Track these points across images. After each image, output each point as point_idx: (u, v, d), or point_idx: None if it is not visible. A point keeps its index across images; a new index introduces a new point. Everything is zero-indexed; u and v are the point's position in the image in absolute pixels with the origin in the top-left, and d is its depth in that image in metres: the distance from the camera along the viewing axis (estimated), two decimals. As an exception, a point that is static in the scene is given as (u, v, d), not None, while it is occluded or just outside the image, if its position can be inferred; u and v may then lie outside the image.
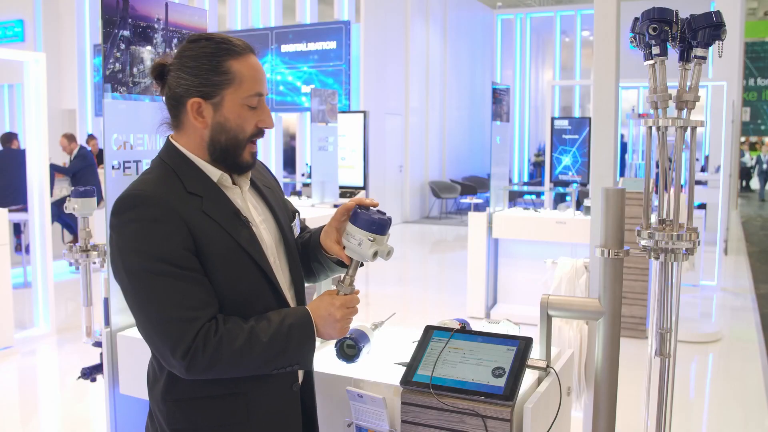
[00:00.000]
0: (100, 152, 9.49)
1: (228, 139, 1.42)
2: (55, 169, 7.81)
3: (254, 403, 1.42)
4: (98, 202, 3.69)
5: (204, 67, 1.39)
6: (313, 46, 11.31)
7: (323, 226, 1.57)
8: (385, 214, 1.47)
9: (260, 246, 1.45)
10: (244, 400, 1.41)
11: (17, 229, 7.32)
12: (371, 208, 1.48)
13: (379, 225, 1.43)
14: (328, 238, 1.53)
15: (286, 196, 1.70)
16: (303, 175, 10.18)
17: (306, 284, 1.62)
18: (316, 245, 1.58)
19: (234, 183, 1.49)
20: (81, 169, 8.05)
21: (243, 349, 1.33)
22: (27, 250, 6.35)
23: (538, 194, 12.65)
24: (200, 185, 1.42)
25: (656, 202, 1.83)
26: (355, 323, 1.83)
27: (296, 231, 1.62)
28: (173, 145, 1.46)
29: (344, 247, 1.48)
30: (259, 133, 1.46)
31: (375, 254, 1.44)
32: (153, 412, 1.49)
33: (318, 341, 1.43)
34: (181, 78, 1.40)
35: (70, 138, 8.33)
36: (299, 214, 1.66)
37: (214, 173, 1.45)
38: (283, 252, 1.54)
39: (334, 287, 1.47)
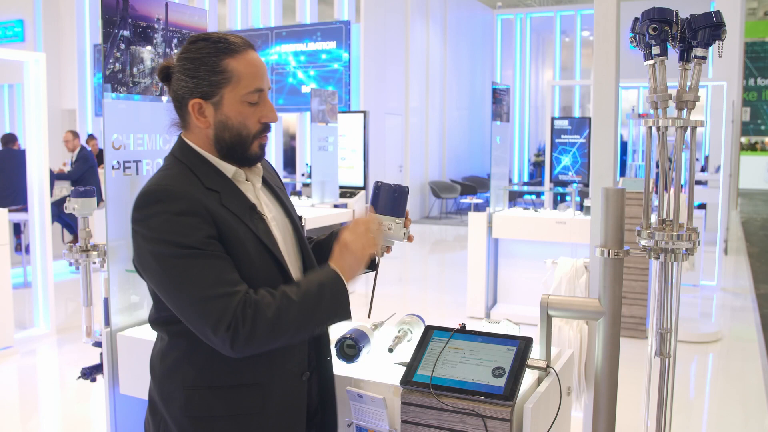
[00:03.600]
0: (100, 152, 9.48)
1: (232, 137, 1.45)
2: (56, 178, 7.80)
3: (270, 393, 1.45)
4: (98, 203, 3.69)
5: (202, 68, 1.41)
6: (313, 46, 11.31)
7: (338, 230, 1.56)
8: (396, 191, 1.55)
9: (275, 240, 1.48)
10: (261, 389, 1.44)
11: (17, 229, 7.32)
12: (386, 183, 1.55)
13: (401, 204, 1.55)
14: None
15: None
16: (303, 175, 10.18)
17: None
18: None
19: (247, 179, 1.51)
20: (83, 173, 8.06)
21: (280, 310, 1.34)
22: (27, 250, 6.35)
23: (538, 194, 12.65)
24: (217, 181, 1.44)
25: (656, 202, 1.83)
26: (355, 323, 1.84)
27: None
28: (186, 143, 1.49)
29: None
30: (265, 128, 1.48)
31: (404, 234, 1.56)
32: (159, 402, 1.48)
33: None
34: (181, 80, 1.44)
35: (75, 134, 8.35)
36: (303, 219, 1.68)
37: (229, 169, 1.47)
38: (297, 249, 1.57)
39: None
